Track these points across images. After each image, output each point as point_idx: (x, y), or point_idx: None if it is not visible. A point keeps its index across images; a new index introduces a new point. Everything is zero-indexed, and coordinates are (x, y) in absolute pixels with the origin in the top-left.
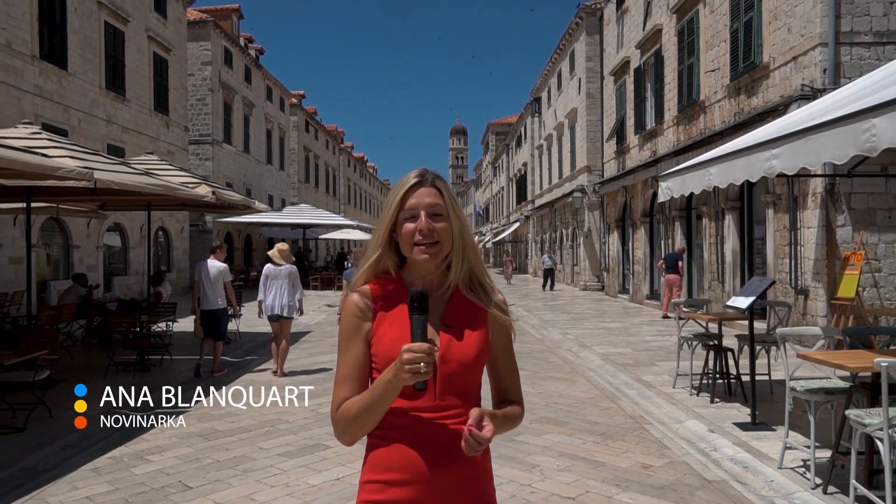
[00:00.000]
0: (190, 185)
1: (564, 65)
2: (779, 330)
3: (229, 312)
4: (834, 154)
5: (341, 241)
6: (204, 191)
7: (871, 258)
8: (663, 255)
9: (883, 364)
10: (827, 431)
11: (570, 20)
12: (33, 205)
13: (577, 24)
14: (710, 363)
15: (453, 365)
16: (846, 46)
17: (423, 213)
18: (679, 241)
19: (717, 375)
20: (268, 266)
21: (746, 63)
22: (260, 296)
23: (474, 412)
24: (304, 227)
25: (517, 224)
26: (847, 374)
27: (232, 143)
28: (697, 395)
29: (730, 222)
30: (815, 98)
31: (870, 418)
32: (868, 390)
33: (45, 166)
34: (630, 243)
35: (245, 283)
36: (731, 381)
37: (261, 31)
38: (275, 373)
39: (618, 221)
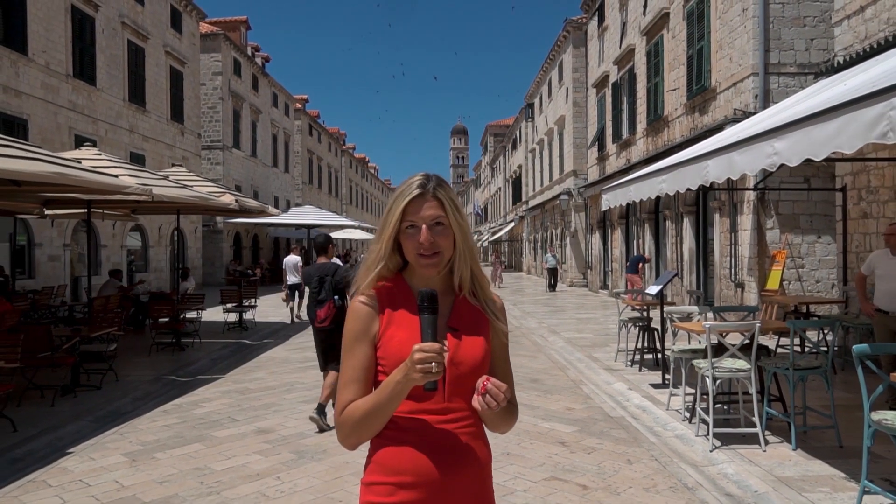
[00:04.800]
0: (216, 194)
1: (554, 74)
2: (667, 308)
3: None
4: (691, 183)
5: (343, 240)
6: (228, 199)
7: (796, 256)
8: (627, 257)
9: (706, 325)
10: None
11: (558, 32)
12: (77, 210)
13: (565, 37)
14: (641, 341)
15: (463, 367)
16: (774, 76)
17: (424, 226)
18: (648, 242)
19: (646, 350)
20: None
21: (699, 85)
22: None
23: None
24: (308, 227)
25: (512, 224)
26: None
27: (240, 148)
28: (632, 366)
29: (687, 225)
30: (744, 119)
31: (704, 363)
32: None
33: (115, 185)
34: (609, 243)
35: (256, 281)
36: (659, 354)
37: (265, 36)
38: None
39: (599, 223)
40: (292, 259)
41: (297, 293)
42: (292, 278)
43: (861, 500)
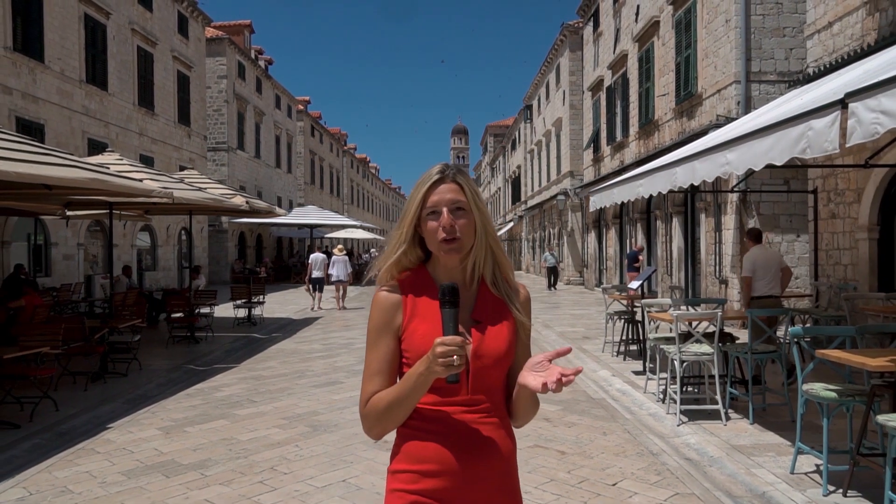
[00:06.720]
0: (228, 196)
1: (552, 77)
2: (643, 301)
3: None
4: (662, 187)
5: (344, 239)
6: (239, 200)
7: None
8: (626, 254)
9: (674, 314)
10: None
11: (555, 36)
12: (95, 211)
13: (562, 41)
14: (626, 332)
15: (487, 360)
16: (755, 83)
17: (445, 209)
18: (640, 241)
19: (630, 341)
20: (334, 257)
21: (686, 92)
22: (330, 271)
23: (540, 357)
24: (311, 227)
25: (512, 223)
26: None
27: (245, 150)
28: (617, 355)
29: (676, 224)
30: (726, 125)
31: (673, 348)
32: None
33: (142, 189)
34: (604, 241)
35: (264, 279)
36: (641, 344)
37: (268, 39)
38: (338, 308)
39: (595, 222)
40: (318, 256)
41: (318, 286)
42: (316, 273)
43: (795, 459)
